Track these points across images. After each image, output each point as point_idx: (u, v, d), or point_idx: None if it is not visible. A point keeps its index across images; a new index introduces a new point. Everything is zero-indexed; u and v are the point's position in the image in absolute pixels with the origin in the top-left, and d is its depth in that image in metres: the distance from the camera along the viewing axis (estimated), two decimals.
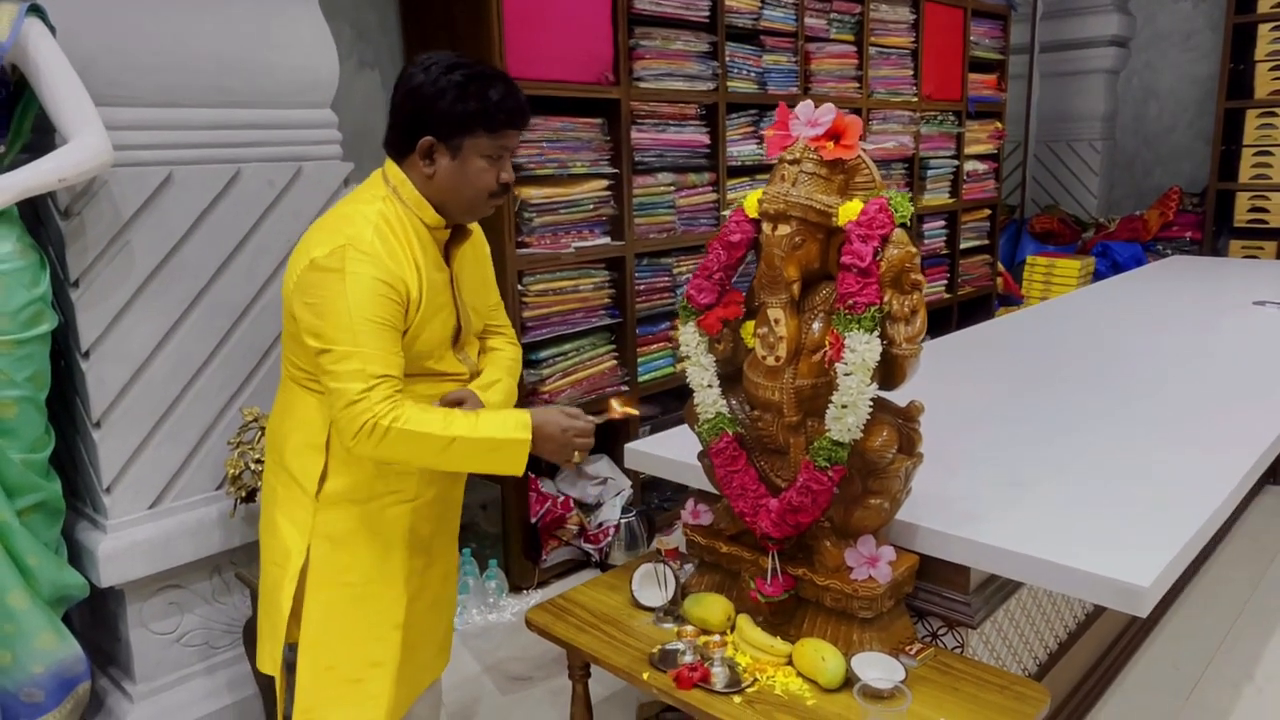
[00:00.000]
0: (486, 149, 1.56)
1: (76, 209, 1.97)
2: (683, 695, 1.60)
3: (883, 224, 1.54)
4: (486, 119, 1.54)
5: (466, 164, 1.56)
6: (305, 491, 1.64)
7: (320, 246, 1.52)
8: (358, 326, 1.47)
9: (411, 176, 1.58)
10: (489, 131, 1.55)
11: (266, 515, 1.72)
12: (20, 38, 1.80)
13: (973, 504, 1.79)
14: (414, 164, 1.58)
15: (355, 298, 1.47)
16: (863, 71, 4.26)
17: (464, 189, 1.58)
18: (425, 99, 1.53)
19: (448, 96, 1.52)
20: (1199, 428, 2.22)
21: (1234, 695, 2.44)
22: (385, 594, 1.68)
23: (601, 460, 3.37)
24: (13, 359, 1.88)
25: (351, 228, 1.52)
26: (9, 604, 1.92)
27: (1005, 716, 1.50)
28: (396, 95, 1.58)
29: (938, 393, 1.76)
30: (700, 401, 1.76)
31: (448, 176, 1.57)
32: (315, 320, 1.50)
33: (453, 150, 1.55)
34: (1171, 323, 3.41)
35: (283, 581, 1.66)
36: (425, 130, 1.54)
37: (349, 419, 1.48)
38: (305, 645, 1.66)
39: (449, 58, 1.56)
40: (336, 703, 1.67)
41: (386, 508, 1.65)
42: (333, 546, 1.64)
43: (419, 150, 1.55)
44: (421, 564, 1.73)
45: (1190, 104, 6.41)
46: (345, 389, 1.47)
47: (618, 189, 3.23)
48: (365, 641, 1.67)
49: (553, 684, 2.56)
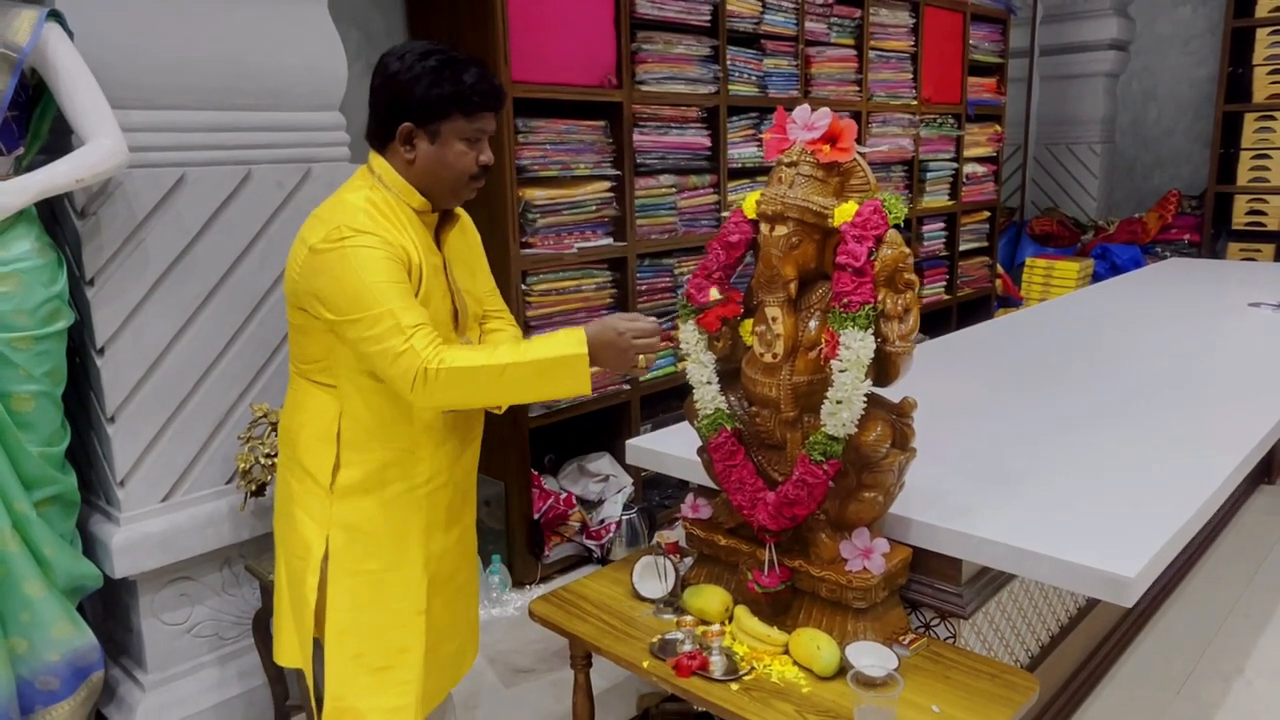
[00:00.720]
0: (464, 131, 1.60)
1: (92, 209, 2.03)
2: (681, 683, 1.65)
3: (877, 225, 1.58)
4: (462, 102, 1.58)
5: (446, 147, 1.60)
6: (320, 484, 1.68)
7: (315, 233, 1.56)
8: (376, 290, 1.50)
9: (394, 164, 1.62)
10: (465, 114, 1.59)
11: (283, 510, 1.76)
12: (40, 42, 1.85)
13: (965, 499, 1.84)
14: (395, 151, 1.62)
15: (365, 266, 1.51)
16: (863, 75, 4.31)
17: (444, 172, 1.62)
18: (401, 86, 1.57)
19: (423, 82, 1.56)
20: (1190, 426, 2.26)
21: (1224, 689, 2.48)
22: (406, 579, 1.71)
23: (603, 458, 3.42)
24: (31, 354, 1.93)
25: (342, 214, 1.56)
26: (26, 593, 1.97)
27: (994, 704, 1.54)
28: (374, 84, 1.62)
29: (933, 391, 1.81)
30: (700, 398, 1.80)
31: (428, 161, 1.61)
32: (333, 297, 1.53)
33: (431, 135, 1.59)
34: (1165, 324, 3.46)
35: (305, 574, 1.69)
36: (403, 117, 1.58)
37: (399, 373, 1.50)
38: (332, 635, 1.69)
39: (423, 45, 1.60)
40: (367, 691, 1.69)
41: (401, 495, 1.69)
42: (351, 536, 1.68)
43: (399, 137, 1.60)
44: (440, 549, 1.76)
45: (1189, 107, 6.46)
46: (386, 348, 1.50)
47: (620, 190, 3.28)
48: (390, 628, 1.70)
49: (555, 676, 2.60)
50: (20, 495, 1.95)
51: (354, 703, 1.69)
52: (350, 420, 1.66)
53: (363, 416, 1.66)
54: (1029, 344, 3.21)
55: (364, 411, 1.66)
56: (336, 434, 1.67)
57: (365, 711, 1.69)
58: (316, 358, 1.66)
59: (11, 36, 1.83)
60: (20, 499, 1.95)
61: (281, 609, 1.79)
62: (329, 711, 1.70)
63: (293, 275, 1.61)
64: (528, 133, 3.01)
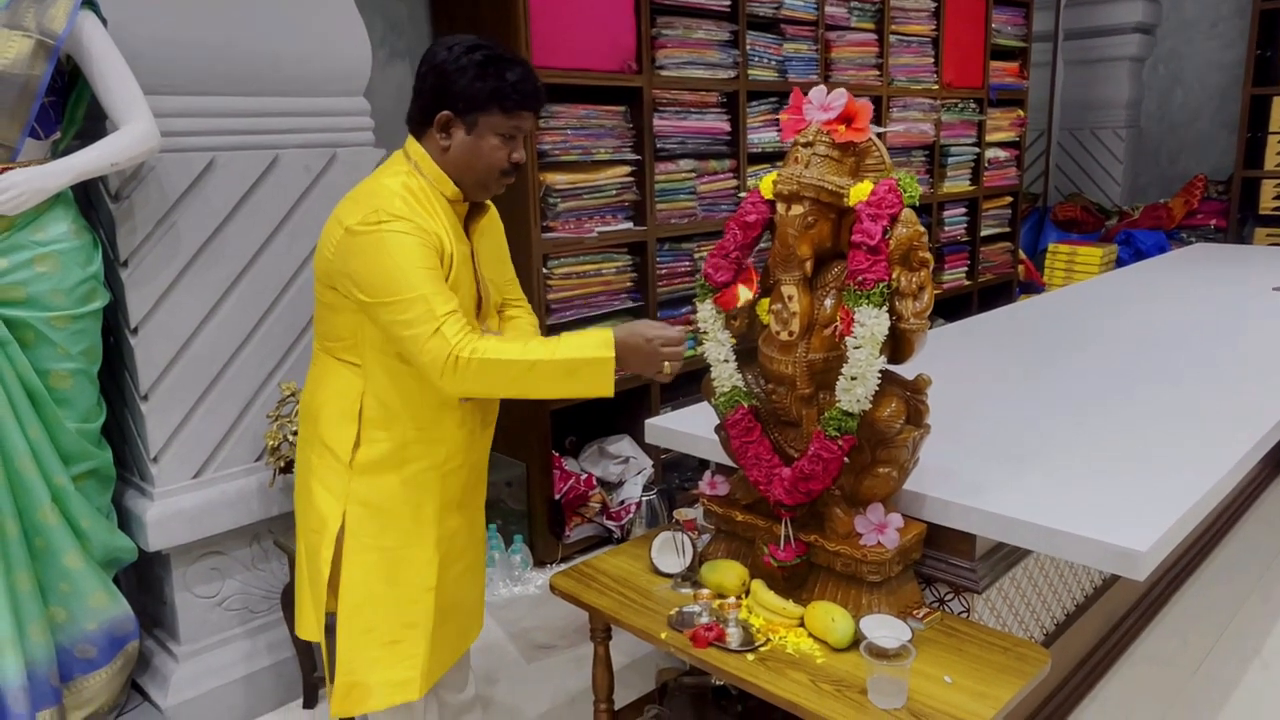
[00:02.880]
0: (501, 127, 1.64)
1: (126, 192, 2.08)
2: (698, 653, 1.68)
3: (892, 204, 1.60)
4: (502, 98, 1.62)
5: (481, 140, 1.64)
6: (339, 459, 1.71)
7: (352, 215, 1.59)
8: (411, 275, 1.54)
9: (429, 149, 1.66)
10: (504, 111, 1.63)
11: (302, 485, 1.80)
12: (75, 30, 1.91)
13: (980, 475, 1.86)
14: (431, 138, 1.65)
15: (400, 251, 1.55)
16: (883, 59, 4.30)
17: (477, 164, 1.65)
18: (446, 75, 1.61)
19: (468, 74, 1.60)
20: (1208, 406, 2.26)
21: (1241, 670, 2.49)
22: (418, 557, 1.75)
23: (624, 440, 3.46)
24: (68, 333, 1.99)
25: (379, 198, 1.60)
26: (65, 564, 2.04)
27: (1006, 675, 1.57)
28: (420, 69, 1.65)
29: (951, 370, 1.83)
30: (717, 375, 1.83)
31: (462, 151, 1.64)
32: (368, 279, 1.57)
33: (468, 125, 1.63)
34: (1187, 307, 3.44)
35: (320, 548, 1.73)
36: (444, 105, 1.62)
37: (429, 358, 1.54)
38: (345, 610, 1.73)
39: (472, 39, 1.64)
40: (376, 664, 1.73)
41: (419, 473, 1.73)
42: (367, 512, 1.72)
43: (437, 124, 1.63)
44: (451, 528, 1.81)
45: (1216, 91, 6.38)
46: (418, 333, 1.54)
47: (640, 175, 3.31)
48: (401, 603, 1.74)
49: (576, 652, 2.65)
50: (59, 469, 2.02)
51: (363, 677, 1.73)
52: (373, 398, 1.70)
53: (386, 395, 1.70)
54: (1048, 327, 3.21)
55: (388, 390, 1.69)
56: (359, 411, 1.70)
57: (373, 685, 1.73)
58: (343, 336, 1.70)
59: (48, 24, 1.89)
60: (59, 473, 2.01)
61: (301, 584, 1.83)
62: (338, 686, 1.73)
63: (325, 254, 1.64)
64: (548, 118, 3.04)
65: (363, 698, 1.74)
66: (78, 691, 2.15)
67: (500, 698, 2.49)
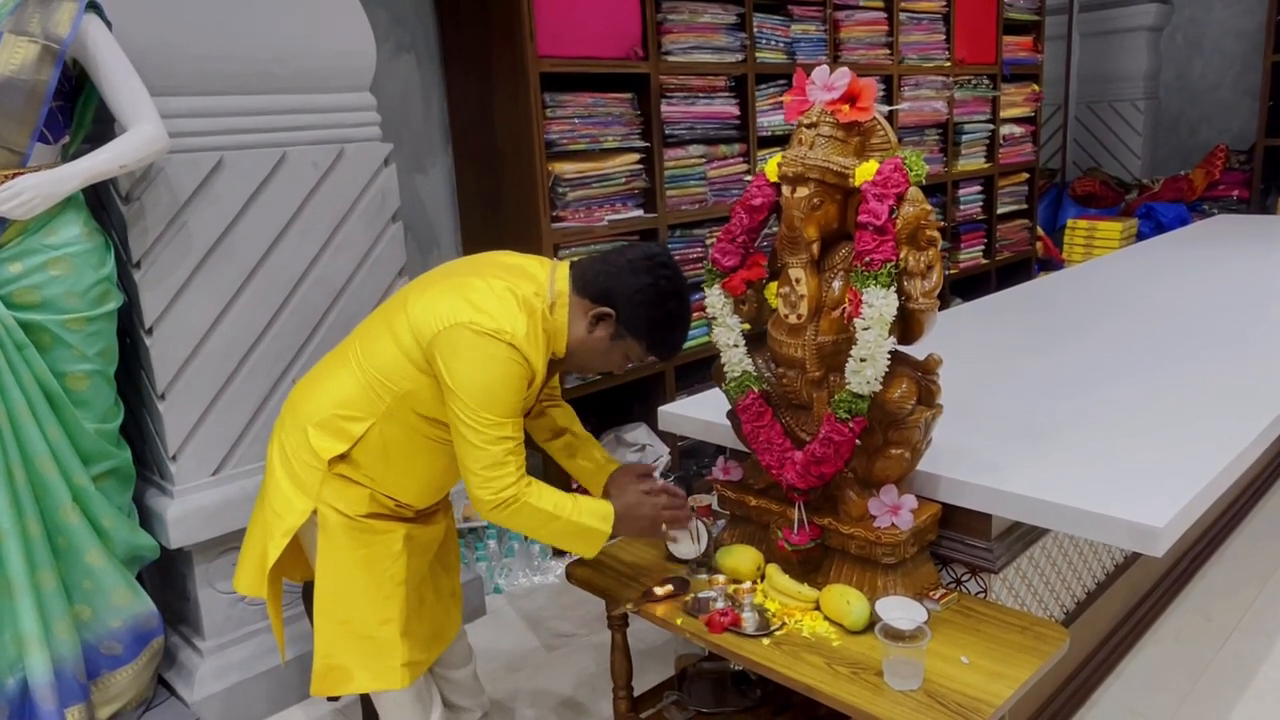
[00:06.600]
0: (635, 354, 1.76)
1: (136, 194, 2.10)
2: (714, 638, 1.68)
3: (898, 183, 1.59)
4: (656, 346, 1.75)
5: (614, 348, 1.74)
6: (318, 460, 1.71)
7: (484, 316, 1.60)
8: (504, 403, 1.61)
9: (574, 312, 1.72)
10: (649, 351, 1.76)
11: (272, 461, 1.79)
12: (80, 33, 1.92)
13: (994, 455, 1.84)
14: (583, 308, 1.71)
15: (505, 376, 1.61)
16: (893, 37, 4.25)
17: (595, 359, 1.77)
18: (637, 293, 1.68)
19: (651, 311, 1.69)
20: (1229, 381, 2.23)
21: (1268, 646, 2.46)
22: (387, 553, 1.76)
23: (640, 428, 3.46)
24: (84, 335, 2.01)
25: (513, 321, 1.62)
26: (88, 562, 2.07)
27: (1024, 654, 1.56)
28: (631, 257, 1.71)
29: (964, 350, 1.81)
30: (727, 360, 1.83)
31: (596, 343, 1.73)
32: (462, 377, 1.60)
33: (616, 334, 1.72)
34: (1208, 281, 3.39)
35: (275, 533, 1.73)
36: (616, 307, 1.69)
37: (491, 486, 1.62)
38: (320, 596, 1.75)
39: (679, 283, 1.72)
40: (358, 657, 1.75)
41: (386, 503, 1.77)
42: (336, 512, 1.72)
43: (596, 310, 1.70)
44: (421, 523, 1.84)
45: (1236, 59, 6.27)
46: (489, 450, 1.61)
47: (649, 162, 3.30)
48: (374, 600, 1.75)
49: (594, 639, 2.66)
50: (79, 469, 2.04)
51: (341, 661, 1.76)
52: (377, 438, 1.71)
53: (389, 448, 1.72)
54: (1065, 303, 3.18)
55: (394, 446, 1.72)
56: (355, 438, 1.70)
57: (353, 670, 1.76)
58: (392, 378, 1.68)
59: (53, 29, 1.90)
60: (79, 473, 2.04)
61: (250, 540, 1.84)
62: (318, 667, 1.76)
63: (430, 322, 1.62)
64: (555, 107, 3.03)
65: (341, 680, 1.77)
66: (105, 688, 2.18)
67: (521, 685, 2.51)
